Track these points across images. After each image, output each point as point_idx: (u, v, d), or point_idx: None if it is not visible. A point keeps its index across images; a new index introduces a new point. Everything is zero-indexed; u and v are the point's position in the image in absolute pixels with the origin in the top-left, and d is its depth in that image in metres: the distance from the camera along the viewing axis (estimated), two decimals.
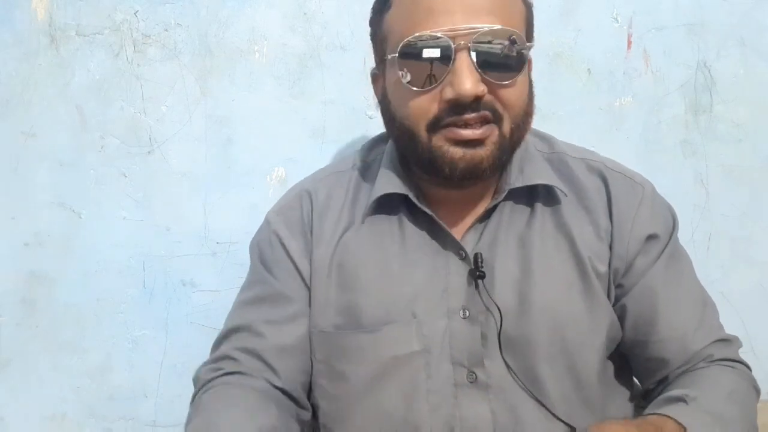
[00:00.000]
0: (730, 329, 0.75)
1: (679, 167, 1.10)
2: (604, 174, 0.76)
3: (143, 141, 1.04)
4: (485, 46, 0.63)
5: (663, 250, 0.73)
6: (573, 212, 0.73)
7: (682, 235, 1.10)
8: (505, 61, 0.64)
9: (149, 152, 1.04)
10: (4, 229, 1.02)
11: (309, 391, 0.77)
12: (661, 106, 1.10)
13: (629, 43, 1.09)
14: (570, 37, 1.08)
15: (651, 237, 0.73)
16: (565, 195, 0.73)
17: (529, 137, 0.78)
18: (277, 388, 0.72)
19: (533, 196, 0.74)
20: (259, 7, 1.04)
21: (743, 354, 0.74)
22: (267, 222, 0.81)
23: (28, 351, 1.03)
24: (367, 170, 0.81)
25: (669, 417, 0.62)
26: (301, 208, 0.79)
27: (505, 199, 0.73)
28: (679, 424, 0.61)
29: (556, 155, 0.78)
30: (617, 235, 0.72)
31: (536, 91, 1.06)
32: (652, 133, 1.10)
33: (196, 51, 1.04)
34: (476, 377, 0.69)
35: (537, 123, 1.06)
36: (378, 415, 0.71)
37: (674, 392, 0.66)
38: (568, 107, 1.09)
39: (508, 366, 0.69)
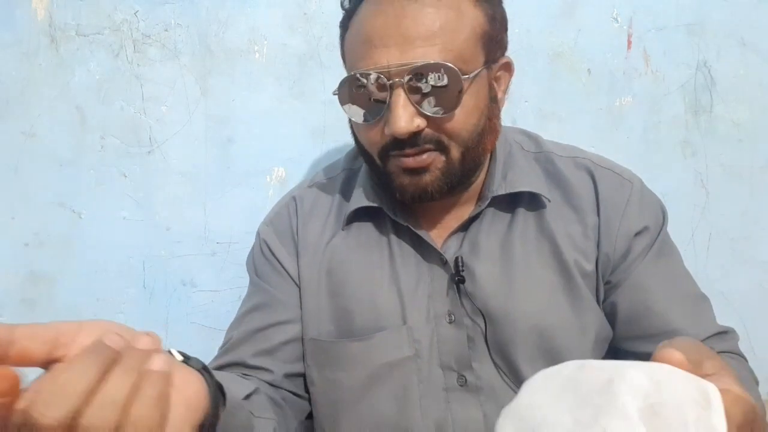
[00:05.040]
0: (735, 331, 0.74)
1: (679, 167, 1.10)
2: (592, 170, 0.75)
3: (143, 141, 1.04)
4: (420, 81, 0.62)
5: (652, 245, 0.73)
6: (558, 214, 0.73)
7: (682, 235, 1.10)
8: (442, 94, 0.62)
9: (149, 152, 1.04)
10: (4, 229, 1.02)
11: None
12: (661, 106, 1.09)
13: (629, 43, 1.09)
14: (570, 37, 1.08)
15: (639, 233, 0.72)
16: (549, 201, 0.73)
17: (514, 137, 0.79)
18: (273, 386, 0.72)
19: (516, 201, 0.74)
20: (259, 7, 1.04)
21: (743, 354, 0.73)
22: (258, 234, 0.82)
23: None
24: (352, 178, 0.82)
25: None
26: (289, 216, 0.81)
27: (488, 205, 0.73)
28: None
29: (543, 155, 0.78)
30: (605, 233, 0.72)
31: (536, 91, 1.08)
32: (652, 133, 1.10)
33: (196, 51, 1.03)
34: (466, 380, 0.69)
35: (537, 123, 1.07)
36: (371, 420, 0.71)
37: None
38: (568, 107, 1.08)
39: (497, 367, 0.69)
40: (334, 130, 1.06)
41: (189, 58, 1.03)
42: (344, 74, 0.78)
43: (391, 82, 0.62)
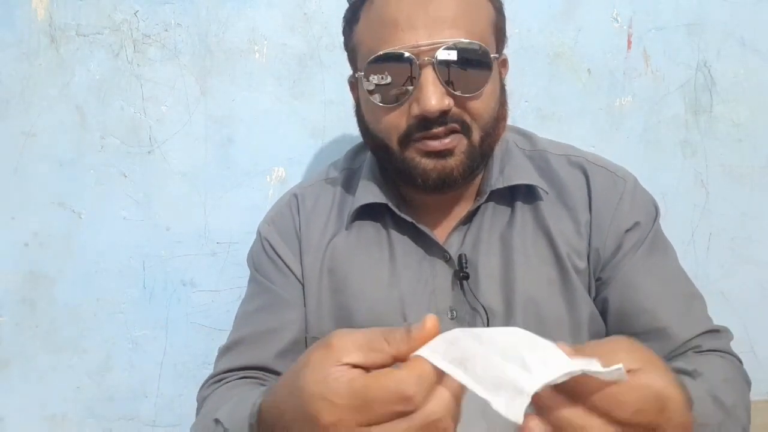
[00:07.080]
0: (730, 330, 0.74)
1: (679, 167, 1.10)
2: (585, 168, 0.76)
3: (143, 141, 1.04)
4: (449, 60, 0.64)
5: (643, 241, 0.73)
6: (553, 210, 0.74)
7: (682, 235, 1.10)
8: (470, 73, 0.65)
9: (149, 152, 1.04)
10: (4, 229, 1.02)
11: None
12: (661, 106, 1.09)
13: (629, 43, 1.09)
14: (570, 37, 1.08)
15: (630, 229, 0.72)
16: (546, 193, 0.74)
17: (510, 135, 0.79)
18: None
19: (514, 195, 0.75)
20: (259, 7, 1.04)
21: (743, 354, 0.73)
22: (258, 233, 0.83)
23: (28, 351, 1.03)
24: (352, 177, 0.82)
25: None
26: (291, 215, 0.81)
27: (487, 200, 0.74)
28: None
29: (537, 153, 0.79)
30: (596, 230, 0.73)
31: (536, 91, 1.08)
32: (652, 133, 1.10)
33: (196, 51, 1.03)
34: None
35: (537, 123, 1.07)
36: None
37: (680, 365, 0.64)
38: (568, 107, 1.09)
39: None
40: (334, 130, 1.06)
41: (189, 58, 1.03)
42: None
43: (419, 61, 0.63)
